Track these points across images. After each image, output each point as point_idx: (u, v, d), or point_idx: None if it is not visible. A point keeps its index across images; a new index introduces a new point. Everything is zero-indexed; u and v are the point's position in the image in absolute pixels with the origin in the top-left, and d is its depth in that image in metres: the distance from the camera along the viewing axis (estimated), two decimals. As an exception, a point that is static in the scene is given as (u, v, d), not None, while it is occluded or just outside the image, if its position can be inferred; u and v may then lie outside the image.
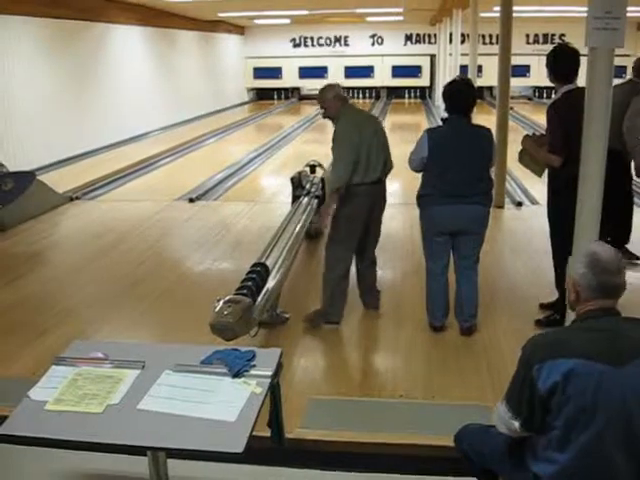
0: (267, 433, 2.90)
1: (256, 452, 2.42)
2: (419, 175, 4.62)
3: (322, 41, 25.32)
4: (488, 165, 4.59)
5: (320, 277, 4.96)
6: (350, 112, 4.88)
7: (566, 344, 2.31)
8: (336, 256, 4.87)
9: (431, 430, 3.56)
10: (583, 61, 3.98)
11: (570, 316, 3.69)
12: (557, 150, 4.53)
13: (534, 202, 8.41)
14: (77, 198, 9.30)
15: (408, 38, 24.98)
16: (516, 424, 2.40)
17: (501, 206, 8.31)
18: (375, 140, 4.73)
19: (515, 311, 5.10)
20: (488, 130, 4.64)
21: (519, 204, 8.51)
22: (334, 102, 4.82)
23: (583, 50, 3.70)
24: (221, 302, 3.95)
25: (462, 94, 4.49)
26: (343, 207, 4.77)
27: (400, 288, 5.54)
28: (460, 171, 4.42)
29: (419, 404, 3.86)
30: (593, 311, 2.38)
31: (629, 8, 3.67)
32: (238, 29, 24.35)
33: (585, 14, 3.55)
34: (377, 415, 3.79)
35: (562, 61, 4.62)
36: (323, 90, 4.87)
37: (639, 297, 4.77)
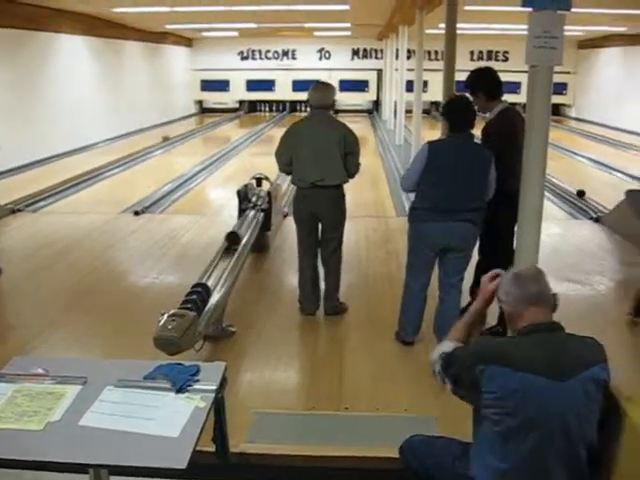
0: (212, 448, 2.88)
1: (200, 468, 2.40)
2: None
3: (270, 54, 25.39)
4: (484, 185, 4.49)
5: (266, 290, 4.96)
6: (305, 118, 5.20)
7: (513, 353, 2.37)
8: (298, 250, 5.27)
9: (376, 442, 3.57)
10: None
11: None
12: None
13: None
14: (19, 210, 9.10)
15: (355, 53, 25.24)
16: (450, 386, 2.55)
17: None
18: (309, 147, 4.89)
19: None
20: (490, 152, 4.54)
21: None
22: None
23: (525, 67, 3.78)
24: (165, 316, 3.92)
25: (463, 111, 4.51)
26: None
27: (345, 300, 5.54)
28: (455, 186, 4.40)
29: (364, 416, 3.88)
30: (535, 325, 2.43)
31: (570, 27, 3.79)
32: (186, 41, 24.26)
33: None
34: (322, 428, 3.80)
35: (490, 81, 4.75)
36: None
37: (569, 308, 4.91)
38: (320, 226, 5.14)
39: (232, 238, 5.69)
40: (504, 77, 4.88)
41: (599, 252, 7.18)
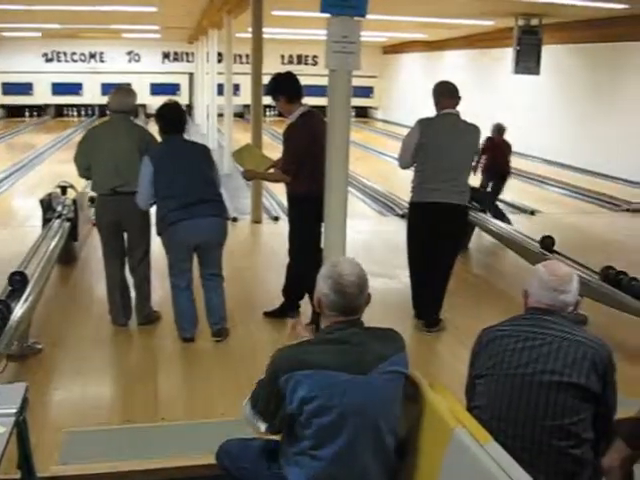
0: (18, 475, 2.72)
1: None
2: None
3: (76, 57, 24.38)
4: (212, 177, 4.74)
5: (74, 303, 4.77)
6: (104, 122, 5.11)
7: (312, 356, 2.41)
8: (104, 259, 5.08)
9: (194, 450, 3.52)
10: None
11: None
12: (290, 170, 4.83)
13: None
14: None
15: (166, 56, 24.88)
16: (263, 427, 2.51)
17: (259, 221, 8.53)
18: (108, 152, 4.80)
19: (273, 322, 5.25)
20: (204, 145, 4.96)
21: (276, 218, 8.76)
22: None
23: (325, 70, 3.90)
24: (-41, 338, 3.64)
25: (175, 114, 4.76)
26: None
27: (159, 308, 5.39)
28: (186, 184, 4.57)
29: (181, 425, 3.82)
30: (338, 323, 2.50)
31: (374, 33, 3.97)
32: (-16, 42, 22.68)
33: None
34: (140, 441, 3.69)
35: (290, 85, 4.89)
36: None
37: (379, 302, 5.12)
38: (125, 234, 5.01)
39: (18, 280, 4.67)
40: (314, 81, 5.05)
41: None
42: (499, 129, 9.11)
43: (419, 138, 4.93)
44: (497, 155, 8.86)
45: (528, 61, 12.87)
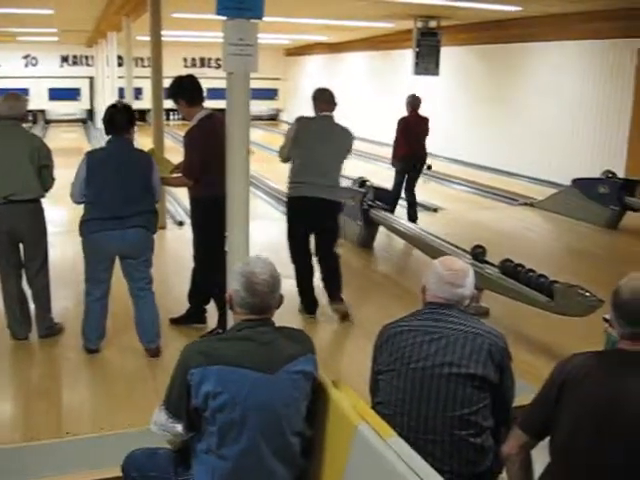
0: None
1: None
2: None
3: (-32, 61, 23.36)
4: (148, 187, 4.58)
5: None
6: None
7: (220, 352, 2.42)
8: None
9: (102, 464, 3.43)
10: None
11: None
12: (191, 174, 4.81)
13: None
14: None
15: (64, 59, 24.13)
16: (179, 427, 2.46)
17: (163, 227, 8.39)
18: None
19: (180, 329, 5.21)
20: (149, 154, 4.77)
21: (180, 223, 8.68)
22: None
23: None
24: None
25: (119, 116, 4.56)
26: None
27: (61, 320, 5.23)
28: (118, 192, 4.43)
29: (86, 439, 3.72)
30: (248, 321, 2.51)
31: (275, 35, 3.96)
32: None
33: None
34: (44, 458, 3.57)
35: (191, 88, 4.87)
36: None
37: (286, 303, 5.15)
38: (21, 245, 4.83)
39: None
40: (217, 84, 5.03)
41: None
42: (413, 103, 8.63)
43: (295, 135, 5.31)
44: (417, 135, 8.61)
45: (428, 62, 13.14)
